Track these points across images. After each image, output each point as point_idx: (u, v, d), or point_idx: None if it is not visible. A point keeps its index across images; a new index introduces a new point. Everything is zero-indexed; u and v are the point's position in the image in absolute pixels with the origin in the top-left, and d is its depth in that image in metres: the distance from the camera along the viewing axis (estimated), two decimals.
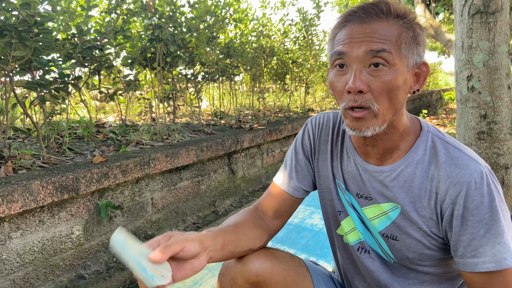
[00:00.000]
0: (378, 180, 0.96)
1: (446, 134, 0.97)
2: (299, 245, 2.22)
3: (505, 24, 2.59)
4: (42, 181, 1.74)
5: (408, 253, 0.94)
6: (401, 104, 0.87)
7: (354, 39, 0.84)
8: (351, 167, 1.02)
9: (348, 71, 0.85)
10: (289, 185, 1.13)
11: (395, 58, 0.82)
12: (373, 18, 0.84)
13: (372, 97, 0.83)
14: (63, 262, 1.92)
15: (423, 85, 0.90)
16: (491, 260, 0.82)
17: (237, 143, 3.14)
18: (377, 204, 0.97)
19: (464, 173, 0.85)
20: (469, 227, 0.84)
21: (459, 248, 0.86)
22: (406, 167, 0.93)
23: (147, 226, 2.39)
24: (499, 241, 0.82)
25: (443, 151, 0.90)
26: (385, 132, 0.90)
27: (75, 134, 2.92)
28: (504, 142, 2.62)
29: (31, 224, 1.77)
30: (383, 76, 0.82)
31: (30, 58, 2.19)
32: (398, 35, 0.83)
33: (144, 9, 2.90)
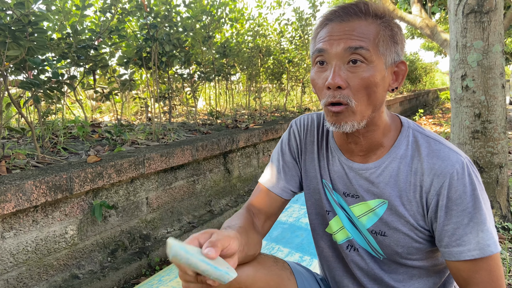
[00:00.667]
0: (364, 177, 0.98)
1: (425, 128, 1.00)
2: (294, 244, 2.22)
3: (499, 24, 2.60)
4: (36, 180, 1.74)
5: (397, 248, 0.96)
6: (379, 101, 0.89)
7: (333, 37, 0.87)
8: (336, 166, 1.04)
9: (328, 67, 0.88)
10: (278, 186, 1.13)
11: (372, 55, 0.85)
12: (352, 17, 0.87)
13: (351, 93, 0.86)
14: (57, 262, 1.91)
15: (402, 83, 0.92)
16: (475, 248, 0.85)
17: (232, 143, 3.14)
18: (364, 201, 0.99)
19: (446, 165, 0.88)
20: (453, 216, 0.87)
21: (443, 238, 0.89)
22: (390, 163, 0.95)
23: (142, 225, 2.39)
24: (482, 228, 0.85)
25: (425, 144, 0.94)
26: (366, 129, 0.93)
27: (70, 134, 2.91)
28: (498, 141, 2.63)
29: (25, 224, 1.77)
30: (361, 73, 0.85)
31: (24, 58, 2.19)
32: (376, 33, 0.86)
33: (139, 9, 2.90)
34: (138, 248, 2.31)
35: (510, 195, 2.80)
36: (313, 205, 1.11)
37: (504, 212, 2.63)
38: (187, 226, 2.68)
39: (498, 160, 2.62)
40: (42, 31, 2.24)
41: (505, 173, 2.65)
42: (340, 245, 1.07)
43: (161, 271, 1.97)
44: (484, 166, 2.62)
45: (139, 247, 2.33)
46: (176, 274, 1.94)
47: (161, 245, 2.38)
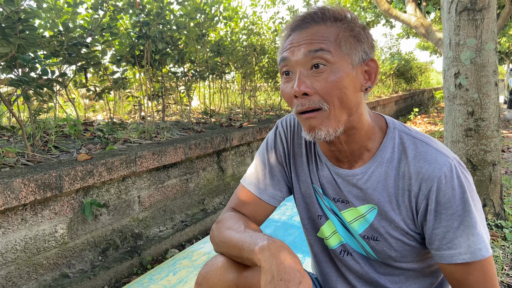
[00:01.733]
0: (352, 184, 0.96)
1: (412, 128, 0.97)
2: (286, 242, 2.21)
3: (492, 22, 2.60)
4: (24, 178, 1.71)
5: (390, 252, 0.94)
6: (354, 103, 0.87)
7: (294, 44, 0.87)
8: (325, 171, 1.01)
9: (293, 77, 0.87)
10: (266, 193, 1.08)
11: (335, 57, 0.83)
12: (311, 23, 0.87)
13: (321, 98, 0.84)
14: (47, 261, 1.89)
15: (375, 81, 0.90)
16: (466, 252, 0.84)
17: (226, 141, 3.13)
18: (354, 207, 0.96)
19: (433, 168, 0.86)
20: (443, 220, 0.85)
21: (434, 241, 0.87)
22: (377, 168, 0.93)
23: (133, 224, 2.37)
24: (472, 232, 0.84)
25: (412, 146, 0.91)
26: (346, 134, 0.90)
27: (62, 132, 2.89)
28: (491, 139, 2.63)
29: (13, 222, 1.75)
30: (326, 76, 0.83)
31: (14, 55, 2.16)
32: (336, 35, 0.85)
33: (131, 6, 2.87)
34: (129, 247, 2.30)
35: (503, 193, 2.80)
36: (305, 209, 1.08)
37: (497, 210, 2.63)
38: (180, 225, 2.67)
39: (491, 158, 2.62)
40: (33, 28, 2.22)
41: (498, 171, 2.65)
42: (333, 250, 1.04)
43: (152, 270, 1.96)
44: (477, 164, 2.62)
45: (131, 246, 2.31)
46: (167, 272, 1.92)
47: (153, 244, 2.36)
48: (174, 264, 1.93)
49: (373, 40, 0.91)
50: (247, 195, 1.08)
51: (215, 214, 2.91)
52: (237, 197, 1.10)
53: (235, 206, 1.08)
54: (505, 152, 5.28)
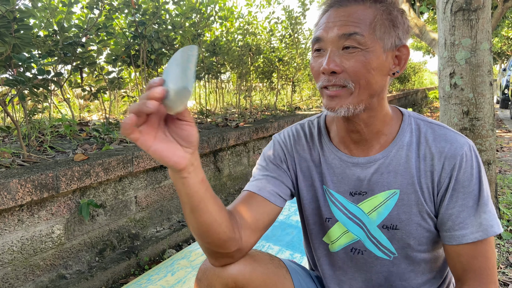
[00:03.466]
0: (372, 170, 0.96)
1: (425, 116, 1.01)
2: (284, 241, 2.21)
3: (487, 22, 2.62)
4: (21, 179, 1.70)
5: (409, 240, 0.95)
6: (379, 86, 0.88)
7: (329, 24, 0.87)
8: (338, 168, 1.00)
9: (324, 54, 0.88)
10: (265, 190, 1.00)
11: (367, 41, 0.84)
12: (350, 2, 0.87)
13: (348, 77, 0.85)
14: (44, 262, 1.88)
15: (404, 67, 0.91)
16: (478, 230, 0.86)
17: (223, 141, 3.12)
18: (373, 196, 0.96)
19: (455, 147, 0.89)
20: (459, 198, 0.88)
21: (447, 222, 0.89)
22: (398, 151, 0.95)
23: (130, 224, 2.36)
24: (484, 210, 0.87)
25: (429, 130, 0.94)
26: (366, 114, 0.92)
27: (57, 132, 2.87)
28: (486, 138, 2.65)
29: (10, 223, 1.73)
30: (356, 57, 0.84)
31: (10, 55, 2.15)
32: (373, 17, 0.85)
33: (127, 5, 2.86)
34: (126, 248, 2.29)
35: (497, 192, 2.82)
36: (312, 213, 1.06)
37: None
38: (177, 225, 2.66)
39: (486, 157, 2.64)
40: (28, 27, 2.20)
41: (493, 170, 2.67)
42: (342, 249, 1.03)
43: (150, 270, 1.95)
44: None
45: (128, 246, 2.30)
46: (165, 273, 1.91)
47: (150, 244, 2.35)
48: (172, 265, 1.92)
49: (409, 26, 0.92)
50: (244, 195, 1.01)
51: None
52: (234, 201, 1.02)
53: (230, 208, 0.99)
54: (498, 151, 5.33)
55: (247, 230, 0.94)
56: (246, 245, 0.94)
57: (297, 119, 4.59)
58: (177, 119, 0.71)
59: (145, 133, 0.68)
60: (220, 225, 0.84)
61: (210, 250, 0.90)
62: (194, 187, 0.77)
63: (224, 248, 0.88)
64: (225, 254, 0.90)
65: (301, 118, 4.73)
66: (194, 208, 0.80)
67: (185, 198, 0.79)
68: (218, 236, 0.85)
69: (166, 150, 0.70)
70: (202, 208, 0.80)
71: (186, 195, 0.78)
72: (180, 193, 0.78)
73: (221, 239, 0.86)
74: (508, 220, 2.68)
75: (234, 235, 0.89)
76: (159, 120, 0.70)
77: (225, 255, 0.90)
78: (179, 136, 0.72)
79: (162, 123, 0.71)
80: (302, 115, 4.85)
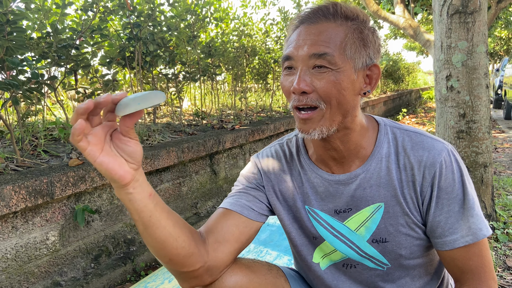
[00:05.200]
0: (355, 186, 0.95)
1: (400, 123, 0.99)
2: (282, 246, 2.20)
3: (483, 24, 2.62)
4: (15, 185, 1.67)
5: (400, 251, 0.94)
6: (351, 106, 0.87)
7: (299, 41, 0.86)
8: (320, 186, 0.98)
9: (295, 72, 0.86)
10: (238, 204, 0.98)
11: (338, 60, 0.83)
12: (321, 19, 0.86)
13: (318, 97, 0.84)
14: (38, 269, 1.85)
15: (375, 86, 0.90)
16: (468, 233, 0.87)
17: (219, 144, 3.10)
18: (358, 212, 0.95)
19: (433, 154, 0.89)
20: (444, 205, 0.88)
21: (436, 229, 0.89)
22: (377, 164, 0.94)
23: (126, 230, 2.33)
24: (471, 213, 0.87)
25: (407, 139, 0.93)
26: (341, 134, 0.90)
27: (51, 136, 2.83)
28: (483, 141, 2.65)
29: (4, 230, 1.70)
30: (327, 77, 0.83)
31: (2, 58, 2.11)
32: (343, 36, 0.84)
33: (121, 7, 2.83)
34: (122, 253, 2.26)
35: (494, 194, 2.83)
36: (297, 235, 1.03)
37: (489, 211, 2.65)
38: None
39: (482, 159, 2.65)
40: (21, 30, 2.17)
41: (490, 173, 2.68)
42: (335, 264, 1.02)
43: (147, 277, 1.93)
44: (469, 166, 2.64)
45: (124, 252, 2.28)
46: (162, 279, 1.89)
47: (146, 249, 2.33)
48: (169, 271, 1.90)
49: (380, 45, 0.91)
50: (216, 212, 0.98)
51: (208, 218, 2.88)
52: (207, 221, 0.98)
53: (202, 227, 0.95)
54: (493, 152, 5.36)
55: (215, 244, 0.90)
56: (215, 262, 0.90)
57: (293, 120, 4.58)
58: (122, 135, 0.73)
59: (93, 144, 0.69)
60: (176, 239, 0.82)
61: (174, 270, 0.87)
62: (142, 202, 0.77)
63: (187, 265, 0.85)
64: (191, 274, 0.87)
65: None
66: (145, 224, 0.79)
67: (135, 215, 0.78)
68: (177, 251, 0.83)
69: (112, 163, 0.71)
70: (154, 223, 0.79)
71: (135, 211, 0.77)
72: (130, 211, 0.78)
73: (180, 255, 0.83)
74: (504, 222, 2.69)
75: (197, 250, 0.86)
76: (105, 134, 0.72)
77: (191, 275, 0.87)
78: (124, 152, 0.73)
79: (108, 138, 0.73)
80: None
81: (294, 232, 1.03)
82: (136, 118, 0.71)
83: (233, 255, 0.94)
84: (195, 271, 0.87)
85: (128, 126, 0.72)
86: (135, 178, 0.75)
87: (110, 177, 0.72)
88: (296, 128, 0.91)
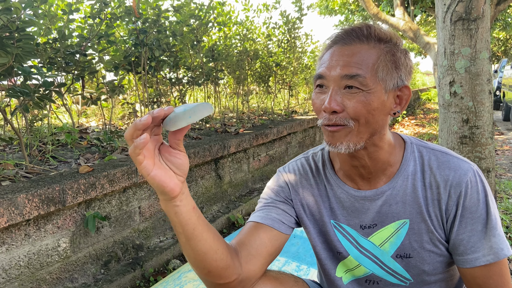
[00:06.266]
0: (381, 202, 0.97)
1: (427, 142, 1.01)
2: (290, 252, 2.22)
3: (486, 31, 2.65)
4: (28, 193, 1.69)
5: (424, 266, 0.96)
6: (379, 125, 0.89)
7: (332, 62, 0.88)
8: (346, 202, 1.00)
9: (326, 91, 0.89)
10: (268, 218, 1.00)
11: (369, 82, 0.85)
12: (354, 40, 0.88)
13: (348, 116, 0.86)
14: (50, 276, 1.87)
15: (405, 107, 0.93)
16: (489, 253, 0.88)
17: (224, 148, 3.13)
18: (383, 227, 0.97)
19: (459, 174, 0.91)
20: (468, 224, 0.90)
21: (459, 246, 0.91)
22: (403, 181, 0.96)
23: (134, 235, 2.35)
24: (494, 233, 0.89)
25: (433, 158, 0.95)
26: (368, 150, 0.93)
27: (58, 141, 2.85)
28: (486, 146, 2.68)
29: (17, 238, 1.72)
30: (358, 97, 0.85)
31: (12, 65, 2.12)
32: (376, 58, 0.86)
33: (128, 13, 2.85)
34: (131, 259, 2.28)
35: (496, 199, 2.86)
36: (322, 248, 1.06)
37: None
38: None
39: (486, 165, 2.68)
40: (29, 37, 2.18)
41: (493, 178, 2.71)
42: (359, 279, 1.04)
43: (157, 284, 1.94)
44: None
45: (132, 257, 2.30)
46: (173, 286, 1.91)
47: (154, 255, 2.35)
48: (179, 278, 1.92)
49: (411, 67, 0.93)
50: (247, 226, 1.00)
51: (214, 223, 2.90)
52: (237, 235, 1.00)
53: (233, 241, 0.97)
54: None
55: (248, 257, 0.93)
56: (248, 274, 0.92)
57: (295, 124, 4.60)
58: (172, 149, 0.75)
59: (147, 158, 0.71)
60: (216, 252, 0.85)
61: (210, 282, 0.89)
62: (187, 215, 0.79)
63: (223, 277, 0.87)
64: (226, 286, 0.89)
65: (299, 123, 4.75)
66: (189, 237, 0.81)
67: (179, 227, 0.80)
68: (216, 263, 0.85)
69: (164, 176, 0.73)
70: (196, 235, 0.82)
71: (179, 224, 0.79)
72: (174, 224, 0.80)
73: (219, 267, 0.86)
74: (507, 226, 2.72)
75: (233, 262, 0.88)
76: (154, 147, 0.74)
77: (226, 286, 0.89)
78: (173, 164, 0.75)
79: (157, 151, 0.75)
80: (299, 120, 4.86)
81: (319, 246, 1.06)
82: (185, 130, 0.73)
83: (264, 267, 0.96)
84: (230, 283, 0.89)
85: (179, 139, 0.75)
86: (182, 190, 0.77)
87: (161, 190, 0.74)
88: (323, 141, 0.93)
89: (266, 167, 4.02)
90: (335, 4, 10.85)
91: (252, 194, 3.54)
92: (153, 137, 0.74)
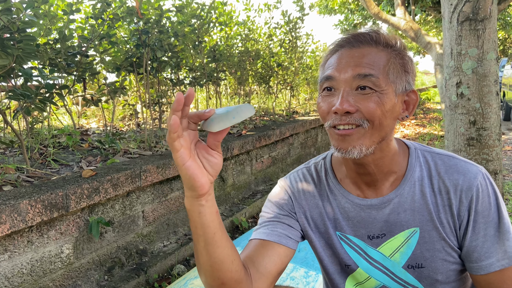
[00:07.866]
0: (388, 211, 0.93)
1: (430, 147, 0.99)
2: (298, 258, 2.18)
3: (494, 31, 2.62)
4: (31, 199, 1.65)
5: (437, 276, 0.92)
6: (390, 129, 0.87)
7: (342, 63, 0.86)
8: (352, 212, 0.96)
9: (335, 93, 0.86)
10: (274, 234, 0.96)
11: (382, 83, 0.83)
12: (363, 43, 0.87)
13: (362, 116, 0.83)
14: (53, 283, 1.83)
15: (413, 112, 0.91)
16: (503, 257, 0.86)
17: (227, 150, 3.09)
18: (392, 237, 0.93)
19: (469, 178, 0.88)
20: (481, 229, 0.87)
21: (473, 253, 0.88)
22: (411, 188, 0.92)
23: (138, 240, 2.31)
24: (507, 237, 0.86)
25: (439, 162, 0.93)
26: (375, 156, 0.89)
27: (59, 143, 2.80)
28: (493, 148, 2.65)
29: (19, 245, 1.68)
30: (372, 98, 0.83)
31: (12, 67, 2.08)
32: (386, 60, 0.85)
33: (130, 14, 2.80)
34: (135, 264, 2.24)
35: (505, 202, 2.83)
36: (329, 262, 1.01)
37: None
38: (184, 239, 2.62)
39: (493, 167, 2.65)
40: (30, 38, 2.14)
41: (500, 180, 2.68)
42: None
43: None
44: None
45: (136, 263, 2.25)
46: None
47: (158, 260, 2.31)
48: (185, 285, 1.88)
49: (415, 73, 0.92)
50: (253, 244, 0.96)
51: None
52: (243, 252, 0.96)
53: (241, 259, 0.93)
54: None
55: (257, 275, 0.89)
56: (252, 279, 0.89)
57: (297, 125, 4.56)
58: (209, 148, 0.75)
59: (185, 147, 0.71)
60: (232, 262, 0.82)
61: None
62: (210, 217, 0.77)
63: None
64: None
65: (302, 124, 4.71)
66: (208, 241, 0.78)
67: (200, 229, 0.78)
68: (231, 274, 0.82)
69: (197, 169, 0.73)
70: (216, 241, 0.79)
71: (201, 225, 0.77)
72: (195, 225, 0.78)
73: (233, 279, 0.82)
74: None
75: (246, 278, 0.85)
76: (191, 141, 0.74)
77: None
78: (208, 162, 0.75)
79: (193, 146, 0.74)
80: (302, 120, 4.83)
81: (326, 260, 1.01)
82: (226, 132, 0.73)
83: (273, 284, 0.93)
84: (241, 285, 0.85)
85: (218, 140, 0.75)
86: (209, 191, 0.76)
87: (191, 184, 0.73)
88: (331, 146, 0.89)
89: (269, 169, 3.98)
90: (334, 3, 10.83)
91: (256, 197, 3.50)
92: (189, 131, 0.73)
